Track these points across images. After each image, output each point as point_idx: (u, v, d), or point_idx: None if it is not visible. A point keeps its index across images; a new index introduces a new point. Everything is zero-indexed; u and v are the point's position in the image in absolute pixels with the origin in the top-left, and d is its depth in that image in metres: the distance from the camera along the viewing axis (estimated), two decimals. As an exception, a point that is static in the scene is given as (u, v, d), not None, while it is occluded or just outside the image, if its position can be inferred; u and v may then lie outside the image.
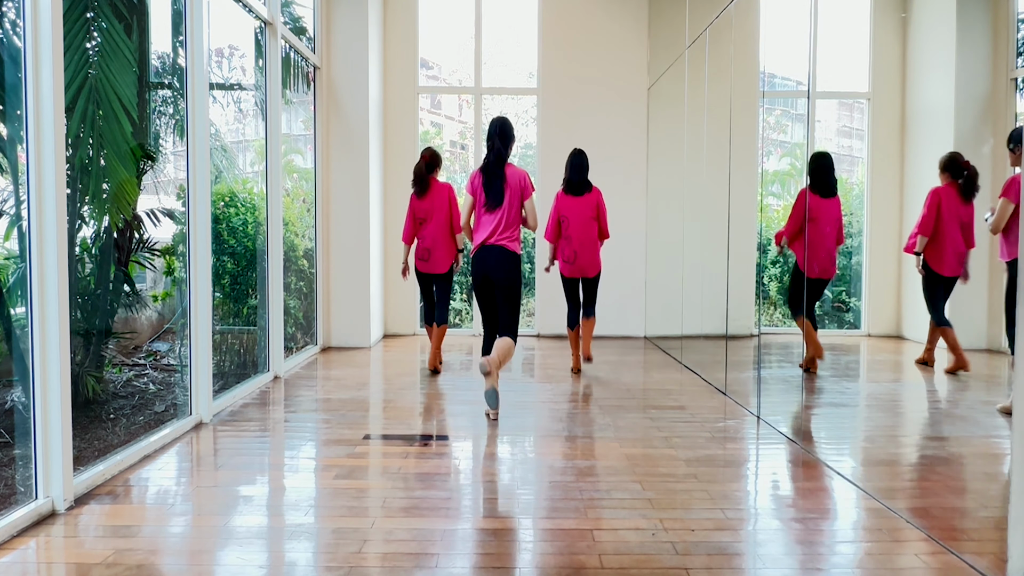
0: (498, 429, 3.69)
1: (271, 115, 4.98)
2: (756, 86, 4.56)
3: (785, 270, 5.48)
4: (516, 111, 8.18)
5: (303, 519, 2.50)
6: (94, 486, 2.80)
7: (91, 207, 3.61)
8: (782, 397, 4.18)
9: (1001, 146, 3.00)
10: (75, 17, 3.39)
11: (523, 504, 2.65)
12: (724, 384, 4.64)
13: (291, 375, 5.10)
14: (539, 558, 2.21)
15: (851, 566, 2.17)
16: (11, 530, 2.35)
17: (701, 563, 2.17)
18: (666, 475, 2.96)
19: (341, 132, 6.23)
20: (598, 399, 4.38)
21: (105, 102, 3.46)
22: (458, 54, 7.85)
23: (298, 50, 5.58)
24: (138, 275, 4.16)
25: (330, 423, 3.78)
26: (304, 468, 3.11)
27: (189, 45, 3.74)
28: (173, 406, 4.07)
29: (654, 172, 6.82)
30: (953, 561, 2.19)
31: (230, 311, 5.01)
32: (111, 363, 4.12)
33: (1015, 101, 2.94)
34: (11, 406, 3.20)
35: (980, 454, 3.28)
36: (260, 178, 5.16)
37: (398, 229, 6.96)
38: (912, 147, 3.66)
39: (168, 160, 4.25)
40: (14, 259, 3.23)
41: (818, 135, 4.46)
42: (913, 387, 4.09)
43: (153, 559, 2.20)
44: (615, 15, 6.90)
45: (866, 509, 2.63)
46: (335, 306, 6.31)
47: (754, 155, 4.84)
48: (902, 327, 3.83)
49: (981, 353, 3.28)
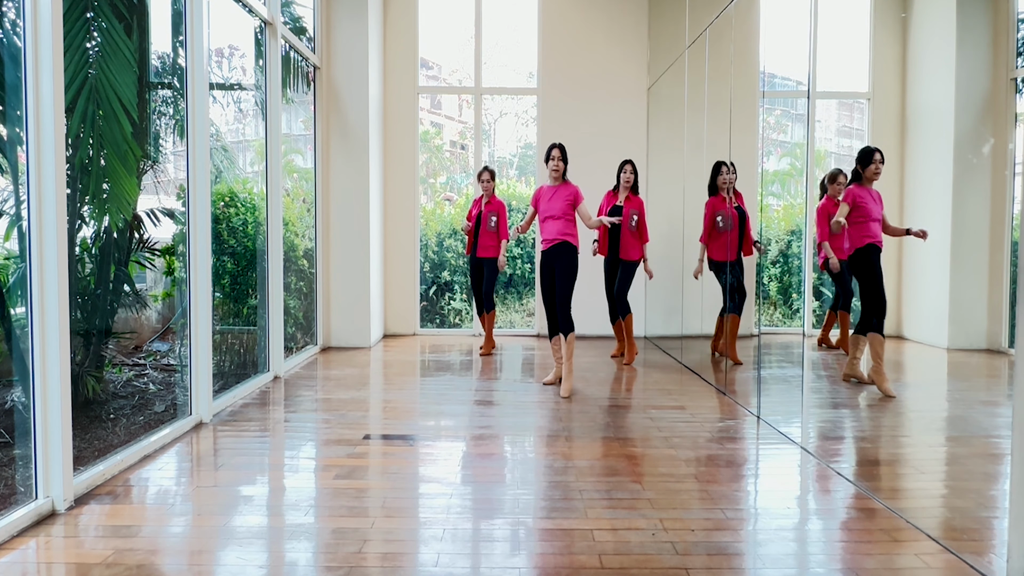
0: (498, 429, 3.69)
1: (271, 115, 4.98)
2: (756, 86, 4.56)
3: (785, 270, 5.48)
4: (516, 111, 8.19)
5: (303, 519, 2.50)
6: (94, 486, 2.80)
7: (91, 207, 3.61)
8: (782, 397, 4.18)
9: (1001, 146, 3.00)
10: (75, 17, 3.38)
11: (523, 504, 2.65)
12: (724, 384, 4.64)
13: (291, 375, 5.10)
14: (539, 558, 2.21)
15: (851, 566, 2.17)
16: (11, 530, 2.35)
17: (701, 563, 2.17)
18: (666, 475, 2.96)
19: (341, 132, 6.23)
20: (598, 399, 4.38)
21: (105, 102, 3.46)
22: (458, 54, 7.85)
23: (298, 50, 5.58)
24: (138, 275, 4.15)
25: (330, 423, 3.77)
26: (304, 468, 3.11)
27: (189, 45, 3.74)
28: (173, 406, 4.07)
29: (654, 172, 6.82)
30: (953, 561, 2.19)
31: (230, 311, 5.00)
32: (111, 363, 4.12)
33: (1015, 101, 2.94)
34: (11, 406, 3.20)
35: (980, 454, 3.28)
36: (260, 178, 5.16)
37: (398, 229, 6.97)
38: (912, 147, 3.66)
39: (168, 160, 4.25)
40: (14, 259, 3.23)
41: (818, 135, 4.46)
42: (913, 387, 4.09)
43: (153, 559, 2.20)
44: (615, 15, 6.90)
45: (866, 509, 2.63)
46: (335, 306, 6.31)
47: (754, 155, 4.84)
48: (902, 327, 3.83)
49: (981, 353, 3.28)
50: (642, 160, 6.93)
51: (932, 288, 3.51)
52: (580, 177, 6.33)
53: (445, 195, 7.71)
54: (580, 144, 6.77)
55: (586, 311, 6.76)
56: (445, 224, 7.57)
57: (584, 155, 6.67)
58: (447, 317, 7.56)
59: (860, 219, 3.58)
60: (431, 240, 7.51)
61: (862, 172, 3.60)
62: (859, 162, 3.62)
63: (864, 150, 3.64)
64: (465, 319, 7.54)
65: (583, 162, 6.58)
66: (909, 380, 4.11)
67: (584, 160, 6.61)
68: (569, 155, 6.13)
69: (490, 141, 8.27)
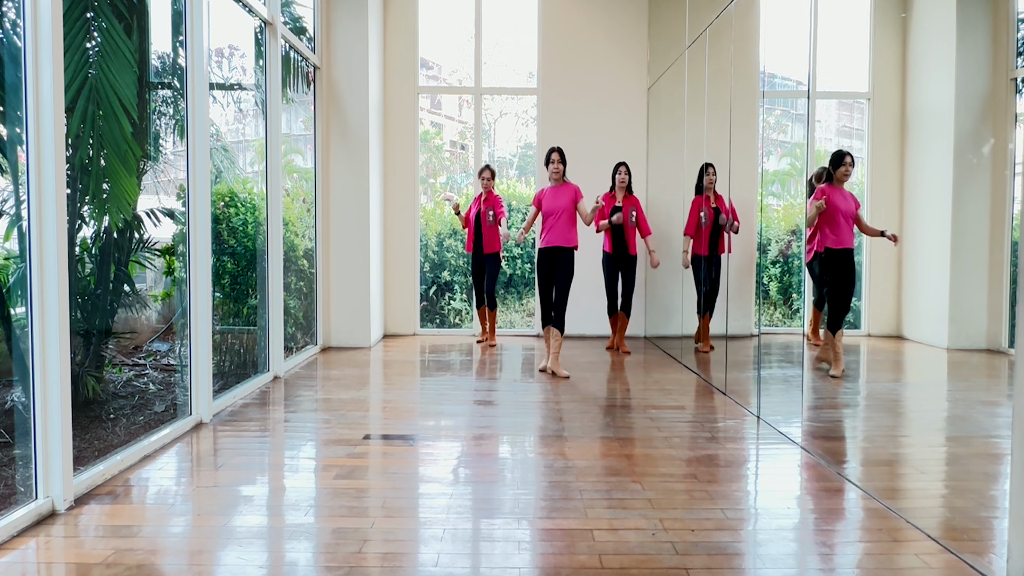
0: (498, 429, 3.69)
1: (271, 115, 4.98)
2: (756, 86, 4.56)
3: (785, 270, 5.48)
4: (516, 111, 8.19)
5: (303, 519, 2.50)
6: (94, 486, 2.80)
7: (91, 207, 3.61)
8: (782, 397, 4.18)
9: (1001, 146, 3.00)
10: (75, 17, 3.38)
11: (523, 504, 2.65)
12: (724, 384, 4.64)
13: (291, 375, 5.10)
14: (539, 558, 2.21)
15: (851, 566, 2.17)
16: (11, 530, 2.35)
17: (701, 563, 2.17)
18: (666, 475, 2.96)
19: (341, 132, 6.23)
20: (598, 399, 4.38)
21: (105, 102, 3.46)
22: (458, 54, 7.85)
23: (298, 50, 5.58)
24: (138, 275, 4.15)
25: (330, 423, 3.78)
26: (304, 468, 3.11)
27: (189, 45, 3.74)
28: (173, 406, 4.07)
29: (654, 172, 6.82)
30: (953, 561, 2.19)
31: (230, 311, 5.00)
32: (111, 363, 4.12)
33: (1015, 101, 2.94)
34: (11, 406, 3.20)
35: (980, 454, 3.28)
36: (260, 178, 5.16)
37: (398, 229, 6.97)
38: (912, 147, 3.66)
39: (168, 160, 4.25)
40: (14, 259, 3.23)
41: (818, 135, 4.47)
42: (913, 387, 4.09)
43: (153, 559, 2.20)
44: (615, 15, 6.90)
45: (866, 509, 2.63)
46: (335, 306, 6.31)
47: (754, 155, 4.84)
48: (902, 327, 3.83)
49: (981, 353, 3.28)
50: (642, 160, 6.93)
51: (932, 288, 3.51)
52: (580, 176, 6.34)
53: (445, 195, 7.72)
54: (580, 144, 6.77)
55: (585, 311, 6.77)
56: (445, 224, 7.57)
57: (584, 155, 6.67)
58: (447, 317, 7.57)
59: (828, 219, 3.82)
60: (431, 240, 7.51)
61: (833, 173, 3.79)
62: (831, 164, 3.82)
63: (836, 153, 3.86)
64: (465, 319, 7.54)
65: (583, 162, 6.58)
66: (909, 380, 4.12)
67: (584, 160, 6.62)
68: (569, 155, 6.20)
69: (490, 141, 8.27)
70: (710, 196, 5.44)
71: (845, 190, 3.84)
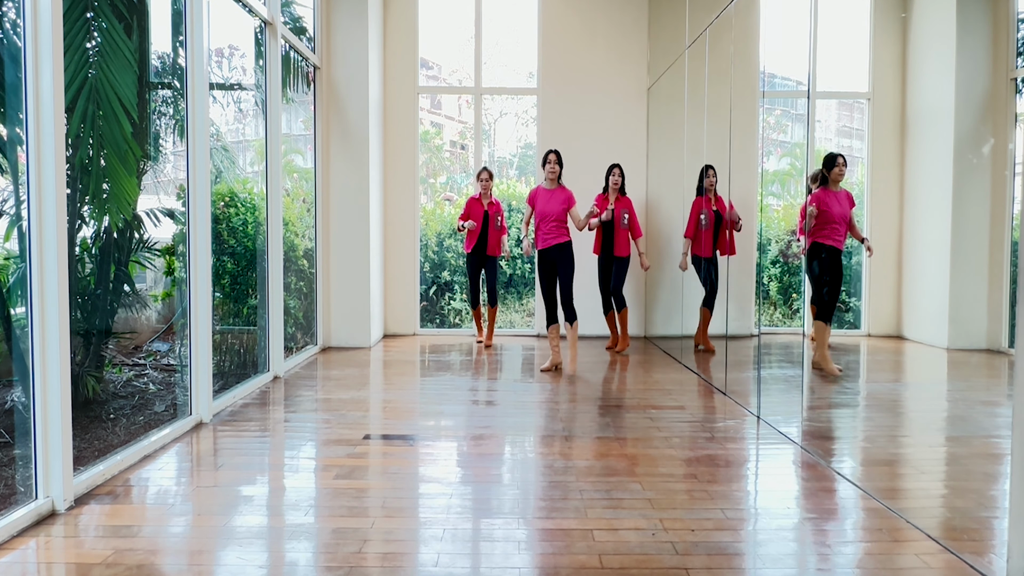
0: (498, 429, 3.69)
1: (271, 115, 4.98)
2: (756, 86, 4.56)
3: (785, 270, 5.49)
4: (516, 111, 8.19)
5: (303, 519, 2.50)
6: (94, 486, 2.80)
7: (91, 207, 3.61)
8: (782, 397, 4.18)
9: (1001, 146, 3.00)
10: (75, 17, 3.38)
11: (523, 504, 2.65)
12: (724, 384, 4.64)
13: (291, 375, 5.10)
14: (539, 558, 2.21)
15: (851, 566, 2.17)
16: (11, 530, 2.35)
17: (701, 563, 2.17)
18: (666, 475, 2.96)
19: (341, 132, 6.23)
20: (598, 399, 4.38)
21: (105, 102, 3.46)
22: (458, 54, 7.85)
23: (298, 50, 5.58)
24: (138, 275, 4.15)
25: (330, 423, 3.78)
26: (304, 468, 3.11)
27: (189, 45, 3.74)
28: (173, 406, 4.07)
29: (654, 172, 6.82)
30: (953, 561, 2.19)
31: (230, 311, 5.00)
32: (111, 363, 4.12)
33: (1015, 101, 2.94)
34: (11, 406, 3.20)
35: (980, 454, 3.28)
36: (260, 178, 5.16)
37: (398, 229, 6.97)
38: (912, 147, 3.67)
39: (168, 160, 4.25)
40: (14, 259, 3.23)
41: (818, 135, 4.47)
42: (913, 387, 4.10)
43: (153, 559, 2.20)
44: (615, 15, 6.90)
45: (866, 509, 2.63)
46: (335, 306, 6.31)
47: (754, 155, 4.84)
48: (902, 327, 3.83)
49: (981, 353, 3.29)
50: (642, 160, 6.93)
51: (932, 288, 3.51)
52: (579, 176, 6.35)
53: (445, 195, 7.71)
54: (580, 144, 6.77)
55: (585, 311, 6.76)
56: (445, 224, 7.57)
57: (584, 155, 6.67)
58: (447, 317, 7.56)
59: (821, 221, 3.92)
60: (431, 240, 7.51)
61: (827, 175, 3.87)
62: (824, 166, 3.90)
63: (828, 156, 3.98)
64: (465, 319, 7.54)
65: (583, 161, 6.58)
66: (909, 380, 4.12)
67: (584, 159, 6.62)
68: (569, 155, 6.22)
69: (490, 141, 8.27)
70: (710, 198, 5.45)
71: (841, 191, 3.88)
